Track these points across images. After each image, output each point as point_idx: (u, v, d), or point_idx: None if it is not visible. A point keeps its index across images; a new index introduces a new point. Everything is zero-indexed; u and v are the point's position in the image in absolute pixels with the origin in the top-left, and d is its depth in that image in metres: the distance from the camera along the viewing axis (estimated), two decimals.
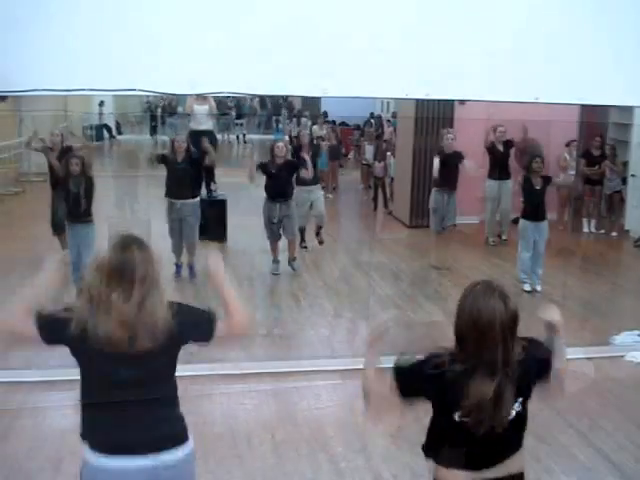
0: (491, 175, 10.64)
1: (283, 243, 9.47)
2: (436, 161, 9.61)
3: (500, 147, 10.61)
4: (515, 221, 9.29)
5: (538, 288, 8.64)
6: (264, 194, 9.23)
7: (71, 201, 7.43)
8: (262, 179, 9.21)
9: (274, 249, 9.41)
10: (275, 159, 9.21)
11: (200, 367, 5.70)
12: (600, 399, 5.79)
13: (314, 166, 9.83)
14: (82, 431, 2.84)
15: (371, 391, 2.86)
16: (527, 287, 8.66)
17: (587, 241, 11.79)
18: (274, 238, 9.34)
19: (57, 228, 8.59)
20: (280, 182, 9.21)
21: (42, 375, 5.88)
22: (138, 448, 2.77)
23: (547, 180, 8.61)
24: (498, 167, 10.60)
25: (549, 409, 5.53)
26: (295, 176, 9.52)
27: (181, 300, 2.90)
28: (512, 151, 10.75)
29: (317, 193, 10.28)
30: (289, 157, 9.52)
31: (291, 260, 9.48)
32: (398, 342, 6.71)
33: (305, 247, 10.35)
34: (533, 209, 8.52)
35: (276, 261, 9.42)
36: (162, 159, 9.01)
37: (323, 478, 4.59)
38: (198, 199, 9.16)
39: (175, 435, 2.89)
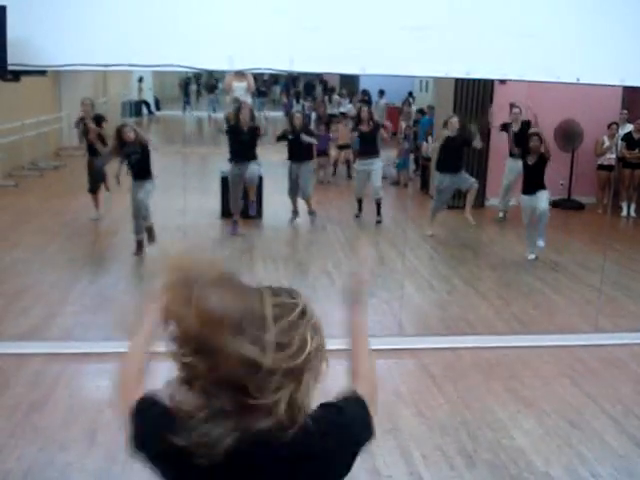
0: (510, 153, 10.42)
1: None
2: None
3: (515, 127, 10.32)
4: None
5: (532, 257, 9.04)
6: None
7: (133, 166, 8.08)
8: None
9: (293, 202, 10.56)
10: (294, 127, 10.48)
11: None
12: (635, 385, 5.71)
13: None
14: None
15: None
16: (531, 256, 9.04)
17: (626, 225, 11.63)
18: (292, 193, 10.53)
19: (93, 188, 9.59)
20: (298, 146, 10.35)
21: (80, 347, 5.97)
22: None
23: (542, 157, 8.79)
24: (515, 146, 10.32)
25: (583, 395, 5.49)
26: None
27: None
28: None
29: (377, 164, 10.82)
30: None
31: (309, 213, 10.54)
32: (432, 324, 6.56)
33: (379, 221, 10.71)
34: (527, 184, 8.96)
35: (294, 212, 10.58)
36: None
37: None
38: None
39: None
